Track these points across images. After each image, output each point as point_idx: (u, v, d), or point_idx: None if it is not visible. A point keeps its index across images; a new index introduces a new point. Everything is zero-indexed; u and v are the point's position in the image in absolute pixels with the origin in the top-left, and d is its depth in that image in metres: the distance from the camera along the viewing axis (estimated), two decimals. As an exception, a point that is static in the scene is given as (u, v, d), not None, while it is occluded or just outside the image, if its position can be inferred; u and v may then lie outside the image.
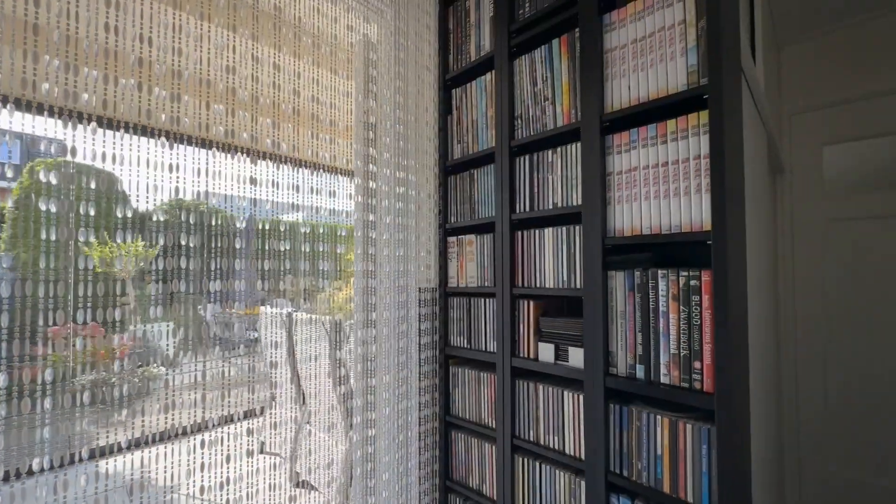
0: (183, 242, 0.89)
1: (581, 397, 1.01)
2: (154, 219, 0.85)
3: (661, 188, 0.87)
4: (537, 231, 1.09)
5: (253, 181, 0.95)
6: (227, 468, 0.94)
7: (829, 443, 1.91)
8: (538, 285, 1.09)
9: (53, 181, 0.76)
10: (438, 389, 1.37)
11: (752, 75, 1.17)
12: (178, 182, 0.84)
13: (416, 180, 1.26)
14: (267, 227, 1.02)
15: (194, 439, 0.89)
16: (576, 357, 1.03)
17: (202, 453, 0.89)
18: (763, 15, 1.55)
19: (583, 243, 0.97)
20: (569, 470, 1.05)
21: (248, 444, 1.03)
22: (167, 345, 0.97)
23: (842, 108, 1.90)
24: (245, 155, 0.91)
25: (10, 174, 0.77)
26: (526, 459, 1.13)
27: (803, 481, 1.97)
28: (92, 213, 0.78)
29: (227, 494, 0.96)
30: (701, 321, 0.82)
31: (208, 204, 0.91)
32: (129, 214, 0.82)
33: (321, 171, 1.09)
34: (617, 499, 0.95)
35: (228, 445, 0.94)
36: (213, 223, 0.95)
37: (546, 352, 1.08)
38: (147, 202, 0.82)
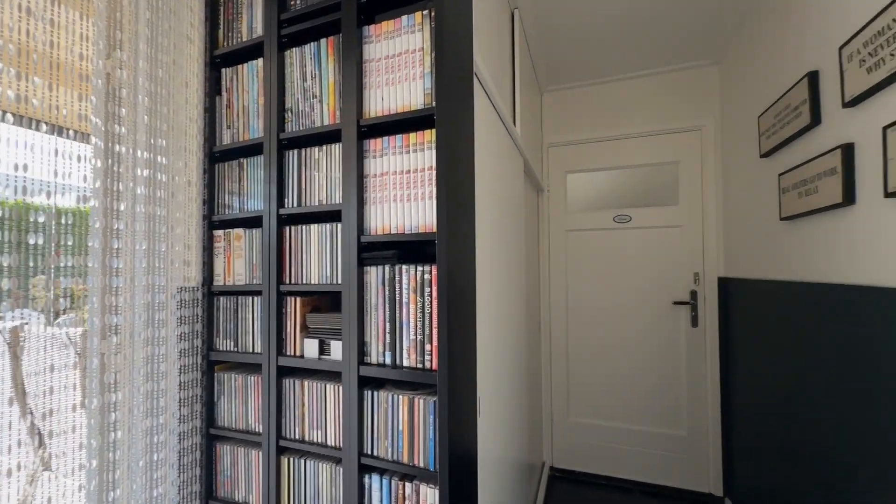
0: None
1: (341, 388, 1.05)
2: None
3: (405, 192, 0.98)
4: (304, 227, 1.09)
5: None
6: None
7: (570, 400, 2.50)
8: (305, 282, 1.09)
9: None
10: (201, 400, 1.22)
11: (502, 107, 1.43)
12: None
13: (170, 164, 1.10)
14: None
15: None
16: (337, 350, 1.06)
17: None
18: (523, 64, 1.93)
19: (342, 240, 1.02)
20: (331, 460, 1.08)
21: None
22: None
23: (577, 146, 2.53)
24: None
25: None
26: (292, 459, 1.11)
27: (554, 429, 2.52)
28: None
29: None
30: (432, 309, 0.96)
31: None
32: None
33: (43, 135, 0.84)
34: (369, 478, 1.03)
35: None
36: None
37: (311, 348, 1.09)
38: None
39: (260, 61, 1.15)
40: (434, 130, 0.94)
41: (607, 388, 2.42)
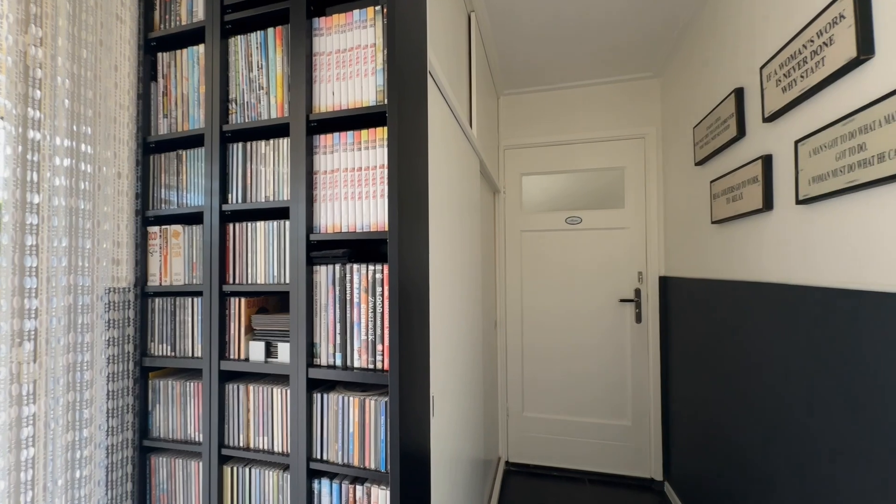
0: None
1: (289, 392, 1.01)
2: None
3: (356, 190, 0.96)
4: (249, 224, 1.04)
5: None
6: None
7: (525, 395, 2.57)
8: (251, 281, 1.04)
9: None
10: (133, 409, 1.13)
11: (458, 108, 1.44)
12: None
13: (96, 153, 1.01)
14: None
15: None
16: (284, 352, 1.02)
17: None
18: (479, 66, 1.95)
19: (290, 239, 0.98)
20: (278, 467, 1.04)
21: None
22: None
23: (532, 149, 2.60)
24: None
25: None
26: (236, 467, 1.06)
27: (510, 423, 2.58)
28: None
29: None
30: (383, 309, 0.95)
31: None
32: None
33: None
34: (318, 483, 1.00)
35: None
36: None
37: (257, 351, 1.04)
38: None
39: (201, 47, 1.08)
40: (383, 128, 0.93)
41: (560, 383, 2.52)
